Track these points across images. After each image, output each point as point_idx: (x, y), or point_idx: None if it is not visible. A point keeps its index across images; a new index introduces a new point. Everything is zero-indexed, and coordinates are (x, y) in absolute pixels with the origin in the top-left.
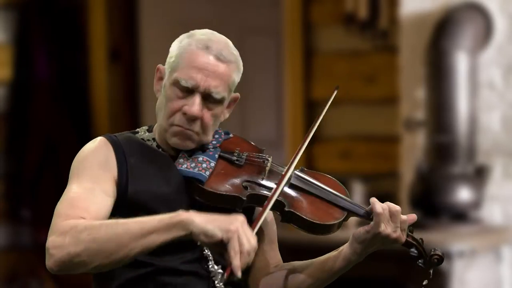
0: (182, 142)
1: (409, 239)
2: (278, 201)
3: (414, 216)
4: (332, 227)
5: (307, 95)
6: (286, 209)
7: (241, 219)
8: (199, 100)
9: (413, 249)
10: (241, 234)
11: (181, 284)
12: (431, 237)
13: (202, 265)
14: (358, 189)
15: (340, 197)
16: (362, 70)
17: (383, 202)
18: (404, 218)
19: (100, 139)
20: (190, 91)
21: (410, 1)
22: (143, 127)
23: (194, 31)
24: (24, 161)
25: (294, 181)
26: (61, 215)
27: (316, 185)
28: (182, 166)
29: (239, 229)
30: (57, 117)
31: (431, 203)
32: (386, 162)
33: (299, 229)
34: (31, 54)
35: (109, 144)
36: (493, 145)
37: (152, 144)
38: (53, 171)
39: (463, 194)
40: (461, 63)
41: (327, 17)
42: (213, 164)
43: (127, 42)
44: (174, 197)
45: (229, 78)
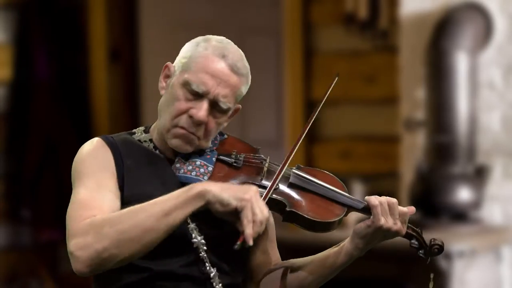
0: (182, 145)
1: (409, 231)
2: (278, 201)
3: (413, 208)
4: (333, 224)
5: (307, 95)
6: (287, 209)
7: (254, 189)
8: (206, 106)
9: (414, 240)
10: (254, 204)
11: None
12: (431, 237)
13: (199, 268)
14: (358, 189)
15: (339, 193)
16: (362, 70)
17: None
18: (405, 211)
19: (97, 140)
20: (200, 95)
21: (410, 1)
22: (140, 127)
23: (210, 36)
24: (24, 161)
25: (292, 179)
26: (75, 218)
27: (315, 182)
28: (179, 172)
29: (253, 198)
30: (57, 117)
31: (431, 203)
32: (386, 162)
33: (300, 227)
34: (31, 54)
35: (106, 145)
36: (493, 145)
37: (149, 146)
38: (53, 171)
39: (463, 194)
40: (461, 63)
41: (327, 17)
42: (210, 168)
43: (127, 42)
44: None
45: (238, 90)
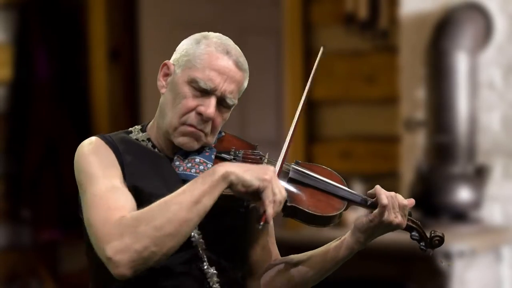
0: (190, 142)
1: (409, 223)
2: None
3: (413, 200)
4: (333, 218)
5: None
6: (287, 204)
7: (272, 169)
8: (214, 102)
9: (414, 232)
10: (274, 184)
11: (176, 285)
12: None
13: (197, 265)
14: (358, 189)
15: (339, 187)
16: (362, 70)
17: None
18: (405, 203)
19: (96, 139)
20: (207, 92)
21: (410, 1)
22: (136, 126)
23: (206, 33)
24: (24, 161)
25: (292, 175)
26: (102, 222)
27: (314, 177)
28: (179, 170)
29: (273, 179)
30: (57, 117)
31: (431, 203)
32: (386, 162)
33: (301, 222)
34: (31, 54)
35: (105, 144)
36: (493, 145)
37: (148, 145)
38: (53, 171)
39: (463, 194)
40: (461, 63)
41: (327, 17)
42: (210, 165)
43: (127, 42)
44: None
45: (241, 85)
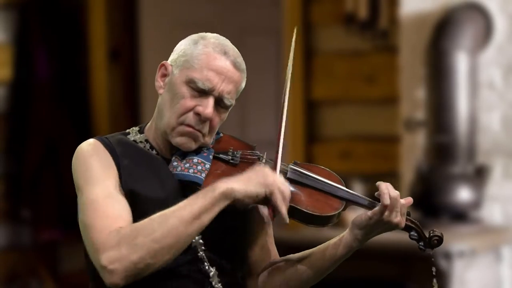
0: (187, 142)
1: (408, 223)
2: None
3: (410, 199)
4: (332, 217)
5: (307, 95)
6: None
7: (270, 170)
8: (212, 103)
9: (413, 232)
10: (279, 184)
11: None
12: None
13: (198, 267)
14: (358, 189)
15: (337, 187)
16: (362, 70)
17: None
18: (403, 202)
19: (95, 141)
20: (205, 92)
21: (410, 1)
22: (134, 128)
23: (204, 33)
24: (24, 161)
25: (290, 175)
26: (99, 229)
27: (312, 177)
28: (176, 170)
29: (275, 179)
30: (57, 117)
31: (431, 203)
32: (386, 162)
33: (299, 222)
34: (31, 54)
35: (103, 146)
36: (493, 145)
37: (145, 146)
38: (53, 171)
39: (463, 194)
40: (461, 63)
41: (327, 17)
42: (208, 165)
43: (127, 42)
44: (170, 202)
45: (239, 86)
